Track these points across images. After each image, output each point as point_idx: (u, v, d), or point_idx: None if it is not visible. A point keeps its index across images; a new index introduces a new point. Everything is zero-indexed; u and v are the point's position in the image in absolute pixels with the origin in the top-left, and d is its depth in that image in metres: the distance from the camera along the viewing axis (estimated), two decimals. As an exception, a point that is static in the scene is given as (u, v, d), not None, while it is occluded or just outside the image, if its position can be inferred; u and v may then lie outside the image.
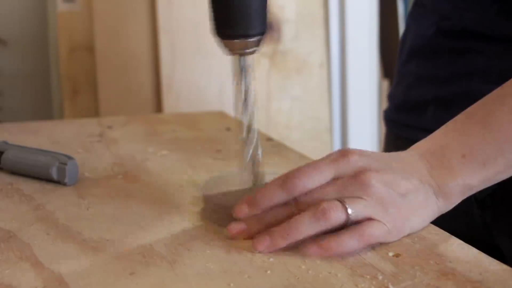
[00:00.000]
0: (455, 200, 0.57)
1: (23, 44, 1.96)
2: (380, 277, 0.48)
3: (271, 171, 0.76)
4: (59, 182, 0.70)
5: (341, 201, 0.52)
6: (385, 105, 0.91)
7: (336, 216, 0.51)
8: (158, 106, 1.77)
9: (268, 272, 0.49)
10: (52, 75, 1.92)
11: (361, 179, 0.53)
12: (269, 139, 0.92)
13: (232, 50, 0.58)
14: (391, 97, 0.90)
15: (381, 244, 0.53)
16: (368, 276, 0.48)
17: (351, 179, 0.53)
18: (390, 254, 0.51)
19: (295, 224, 0.51)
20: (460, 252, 0.52)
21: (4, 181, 0.72)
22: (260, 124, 1.76)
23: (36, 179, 0.72)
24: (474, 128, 0.57)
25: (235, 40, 0.57)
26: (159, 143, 0.90)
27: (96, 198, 0.66)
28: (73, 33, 1.76)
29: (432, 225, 0.57)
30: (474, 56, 0.74)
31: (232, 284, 0.47)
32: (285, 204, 0.54)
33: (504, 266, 0.49)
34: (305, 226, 0.51)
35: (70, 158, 0.71)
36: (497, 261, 0.50)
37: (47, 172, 0.70)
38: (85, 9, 1.75)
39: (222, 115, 1.11)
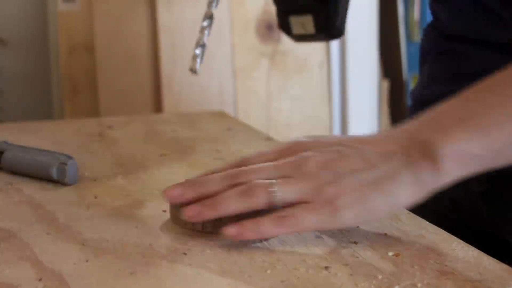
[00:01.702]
0: (451, 168, 0.48)
1: (23, 44, 1.96)
2: (380, 277, 0.48)
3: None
4: (59, 182, 0.70)
5: (271, 181, 0.50)
6: (385, 105, 0.91)
7: (260, 195, 0.49)
8: (158, 106, 1.77)
9: (268, 272, 0.49)
10: (52, 75, 1.92)
11: (297, 160, 0.51)
12: (269, 139, 0.92)
13: None
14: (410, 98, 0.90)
15: (380, 243, 0.53)
16: (368, 276, 0.48)
17: (289, 161, 0.51)
18: (390, 253, 0.52)
19: (223, 198, 0.51)
20: (459, 251, 0.52)
21: (4, 181, 0.72)
22: (260, 124, 1.77)
23: (36, 179, 0.72)
24: (477, 93, 0.50)
25: None
26: (159, 143, 0.90)
27: (96, 198, 0.66)
28: (73, 33, 1.76)
29: (432, 225, 0.57)
30: (467, 59, 0.72)
31: (232, 284, 0.47)
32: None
33: (504, 266, 0.49)
34: (232, 201, 0.50)
35: (70, 158, 0.71)
36: (497, 261, 0.50)
37: (47, 172, 0.70)
38: (85, 9, 1.75)
39: (222, 115, 1.11)
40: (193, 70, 0.69)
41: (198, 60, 0.70)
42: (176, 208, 0.56)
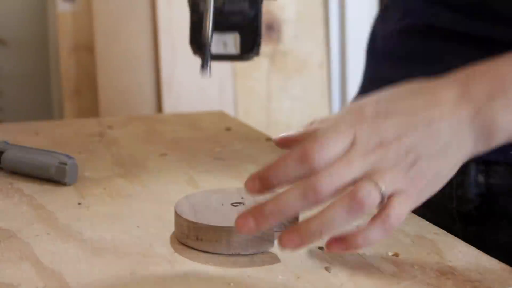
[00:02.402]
0: (499, 143, 0.48)
1: (23, 44, 1.96)
2: (380, 277, 0.48)
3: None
4: (59, 182, 0.70)
5: (373, 181, 0.45)
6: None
7: (372, 201, 0.45)
8: (158, 106, 1.77)
9: (268, 271, 0.49)
10: (52, 75, 1.92)
11: (384, 146, 0.46)
12: (269, 139, 0.92)
13: None
14: None
15: (380, 243, 0.53)
16: (368, 276, 0.48)
17: (374, 146, 0.46)
18: (390, 253, 0.52)
19: (329, 220, 0.45)
20: (459, 251, 0.52)
21: (4, 181, 0.72)
22: (260, 124, 1.77)
23: (36, 179, 0.72)
24: None
25: None
26: (159, 143, 0.90)
27: (96, 198, 0.66)
28: (73, 33, 1.76)
29: (432, 225, 0.58)
30: (456, 58, 0.67)
31: (232, 284, 0.47)
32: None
33: (504, 265, 0.49)
34: (340, 221, 0.45)
35: (70, 158, 0.71)
36: (497, 261, 0.50)
37: (47, 172, 0.70)
38: (85, 9, 1.75)
39: (222, 115, 1.11)
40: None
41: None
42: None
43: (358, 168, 0.46)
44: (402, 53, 0.75)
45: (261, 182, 0.47)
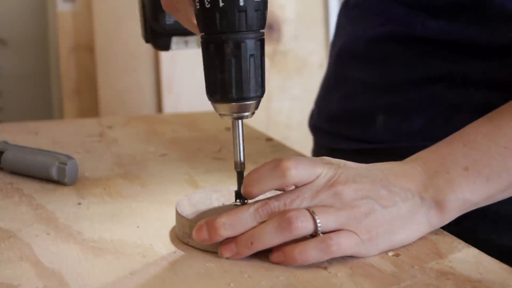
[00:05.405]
0: (452, 215, 0.54)
1: (23, 44, 1.96)
2: (380, 277, 0.48)
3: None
4: (59, 182, 0.70)
5: (310, 210, 0.49)
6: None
7: (303, 226, 0.49)
8: (158, 106, 1.77)
9: (268, 271, 0.49)
10: (52, 75, 1.92)
11: (335, 189, 0.51)
12: (269, 139, 0.92)
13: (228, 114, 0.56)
14: (320, 105, 0.87)
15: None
16: (368, 276, 0.48)
17: (325, 188, 0.51)
18: (390, 253, 0.52)
19: (259, 234, 0.49)
20: (459, 251, 0.52)
21: (4, 181, 0.72)
22: (260, 124, 1.77)
23: (36, 179, 0.72)
24: (480, 140, 0.55)
25: (233, 104, 0.55)
26: (159, 143, 0.90)
27: (96, 198, 0.66)
28: (73, 33, 1.76)
29: (432, 225, 0.57)
30: (435, 61, 0.71)
31: (232, 284, 0.47)
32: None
33: (504, 266, 0.49)
34: (269, 236, 0.49)
35: (70, 158, 0.71)
36: (497, 261, 0.50)
37: (47, 172, 0.70)
38: (85, 9, 1.75)
39: (222, 115, 1.11)
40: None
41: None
42: (189, 226, 0.53)
43: (308, 200, 0.51)
44: (378, 56, 0.75)
45: (244, 183, 0.53)
